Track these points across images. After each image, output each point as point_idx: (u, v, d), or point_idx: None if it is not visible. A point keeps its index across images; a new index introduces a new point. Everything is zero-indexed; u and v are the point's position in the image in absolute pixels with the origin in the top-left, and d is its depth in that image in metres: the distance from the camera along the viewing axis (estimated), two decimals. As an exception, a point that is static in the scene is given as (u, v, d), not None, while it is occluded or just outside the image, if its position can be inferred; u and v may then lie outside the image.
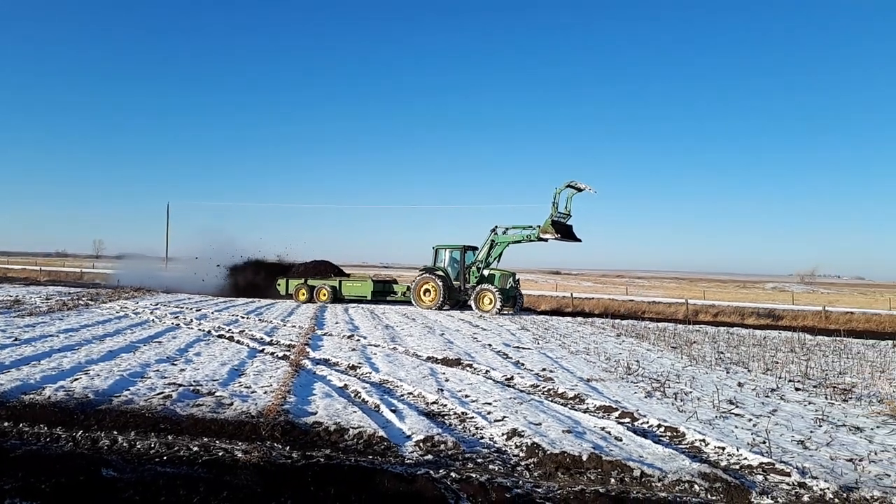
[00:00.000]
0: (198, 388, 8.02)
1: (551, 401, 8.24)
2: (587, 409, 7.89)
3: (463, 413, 7.26)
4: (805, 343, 16.95)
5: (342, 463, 5.25)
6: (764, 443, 6.37)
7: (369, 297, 27.01)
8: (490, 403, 7.82)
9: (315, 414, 6.88)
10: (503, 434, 6.39)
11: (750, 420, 7.43)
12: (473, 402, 7.93)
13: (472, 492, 4.67)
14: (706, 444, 6.32)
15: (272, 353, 11.22)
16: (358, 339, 13.81)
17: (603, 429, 6.77)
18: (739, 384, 9.88)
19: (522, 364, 11.22)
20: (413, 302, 25.06)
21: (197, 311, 19.85)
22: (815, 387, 9.85)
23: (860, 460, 5.92)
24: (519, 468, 5.45)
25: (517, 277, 24.86)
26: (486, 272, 24.57)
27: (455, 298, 24.95)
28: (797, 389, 9.59)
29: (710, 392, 9.02)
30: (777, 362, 12.66)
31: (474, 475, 5.09)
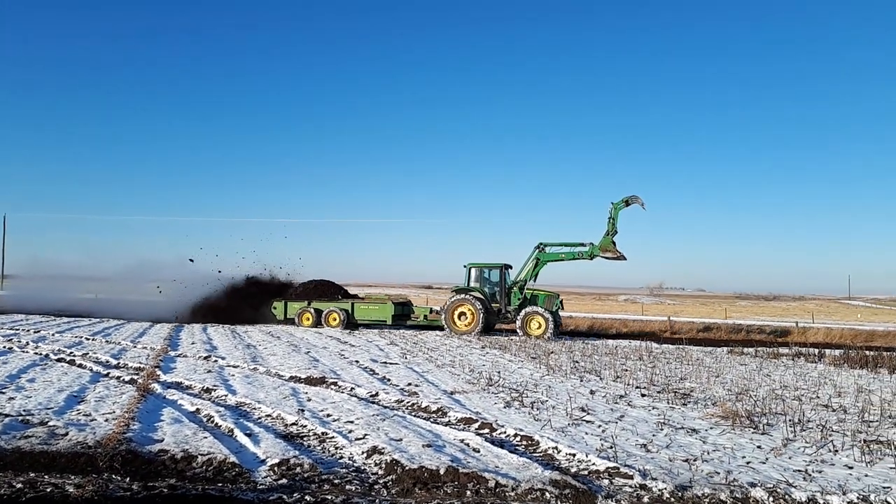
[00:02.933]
0: (28, 417, 7.30)
1: (415, 415, 8.27)
2: (449, 422, 7.98)
3: (323, 433, 7.11)
4: (652, 351, 18.19)
5: (188, 493, 4.96)
6: (611, 448, 6.74)
7: (389, 322, 24.21)
8: (352, 422, 7.71)
9: (161, 441, 6.46)
10: (363, 452, 6.32)
11: (599, 426, 7.84)
12: (335, 421, 7.79)
13: (327, 514, 4.56)
14: (558, 452, 6.59)
15: (118, 378, 10.44)
16: (215, 360, 13.18)
17: (462, 441, 6.88)
18: (592, 392, 10.41)
19: (389, 379, 11.19)
20: (445, 327, 22.52)
21: (35, 332, 18.11)
22: (658, 392, 10.56)
23: (695, 460, 6.40)
24: (377, 486, 5.40)
25: (560, 298, 23.23)
26: (527, 293, 22.82)
27: (492, 322, 23.19)
28: (643, 395, 10.25)
29: (564, 400, 9.42)
30: (626, 370, 13.48)
31: (330, 497, 4.99)
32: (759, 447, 6.95)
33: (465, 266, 23.59)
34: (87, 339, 16.63)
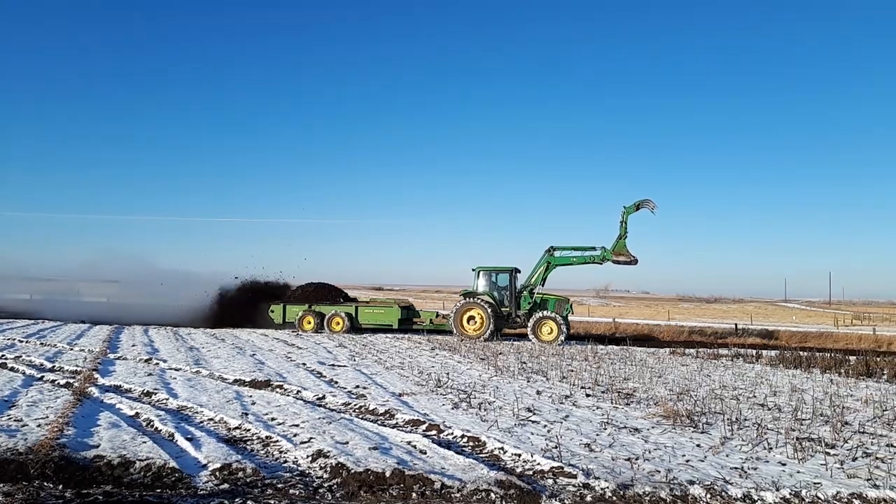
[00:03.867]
0: (-48, 426, 6.95)
1: (362, 418, 8.20)
2: (396, 424, 7.95)
3: (267, 437, 6.99)
4: (597, 352, 18.51)
5: (124, 499, 4.80)
6: (556, 448, 6.82)
7: (395, 326, 23.60)
8: (298, 425, 7.60)
9: (97, 447, 6.24)
10: (308, 456, 6.24)
11: (545, 426, 7.93)
12: (280, 424, 7.67)
13: (269, 519, 4.49)
14: (504, 452, 6.63)
15: (53, 381, 10.05)
16: (157, 363, 12.82)
17: (409, 443, 6.86)
18: (538, 392, 10.53)
19: (336, 382, 11.07)
20: (454, 331, 22.04)
21: (-38, 336, 17.28)
22: (603, 392, 10.75)
23: (637, 459, 6.53)
24: (321, 490, 5.34)
25: (571, 303, 22.99)
26: (537, 298, 22.54)
27: (500, 326, 22.59)
28: (588, 395, 10.41)
29: (511, 401, 9.50)
30: (572, 370, 13.68)
31: (273, 501, 4.90)
32: (698, 446, 7.14)
33: (473, 270, 23.26)
34: (21, 342, 15.97)
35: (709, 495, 5.36)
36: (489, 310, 21.71)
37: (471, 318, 21.95)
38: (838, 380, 13.40)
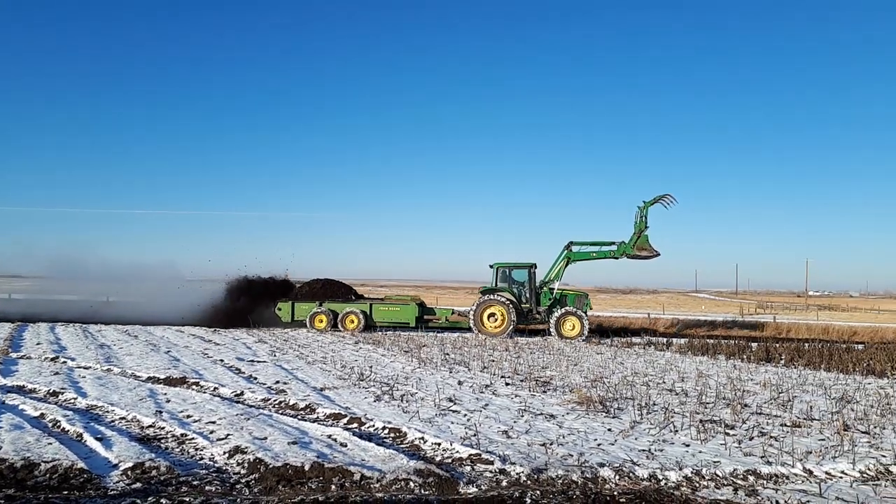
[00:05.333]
0: None
1: (282, 413, 8.13)
2: (317, 418, 7.92)
3: (183, 435, 6.83)
4: (518, 343, 18.93)
5: (28, 503, 4.61)
6: (475, 435, 6.98)
7: (412, 324, 22.69)
8: (214, 422, 7.46)
9: (-2, 451, 5.94)
10: (225, 452, 6.15)
11: (465, 415, 8.09)
12: (196, 422, 7.50)
13: (184, 517, 4.41)
14: (425, 442, 6.74)
15: (-53, 385, 9.45)
16: (64, 362, 12.24)
17: (330, 436, 6.86)
18: (460, 382, 10.70)
19: (255, 378, 10.89)
20: (473, 328, 21.55)
21: None
22: (522, 381, 11.03)
23: (551, 444, 6.77)
24: (239, 486, 5.28)
25: (589, 298, 22.80)
26: (557, 293, 22.26)
27: (519, 323, 22.08)
28: (507, 384, 10.67)
29: (433, 392, 9.62)
30: (493, 360, 13.96)
31: (188, 499, 4.82)
32: (609, 430, 7.46)
33: (490, 266, 22.89)
34: None
35: (617, 476, 5.63)
36: (510, 307, 21.42)
37: (491, 315, 21.59)
38: (741, 365, 14.22)
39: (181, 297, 25.81)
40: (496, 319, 21.48)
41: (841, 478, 5.86)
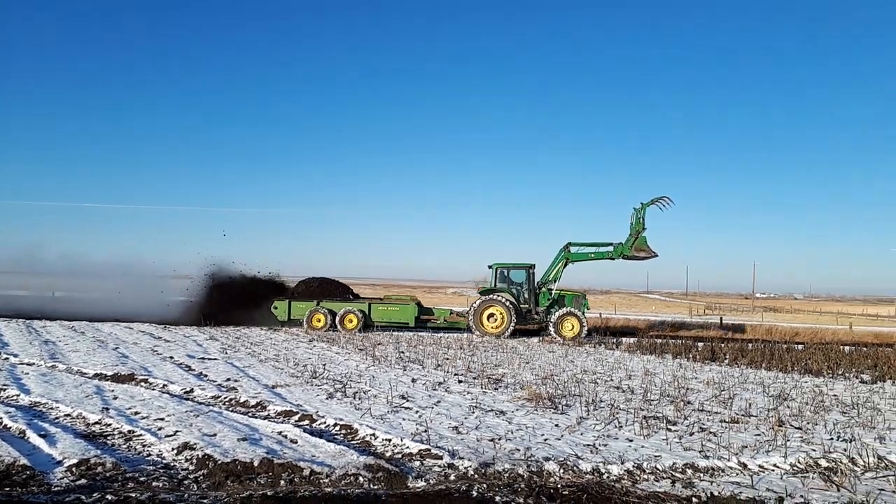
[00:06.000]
0: None
1: (232, 410, 8.10)
2: (268, 415, 7.92)
3: (130, 431, 6.76)
4: (472, 341, 19.12)
5: (-33, 501, 4.53)
6: (425, 431, 7.09)
7: (412, 324, 22.66)
8: (163, 419, 7.40)
9: (-65, 449, 5.80)
10: (173, 449, 6.12)
11: (417, 412, 8.19)
12: (144, 418, 7.43)
13: (130, 512, 4.41)
14: (376, 438, 6.81)
15: None
16: (6, 358, 11.91)
17: (280, 433, 6.87)
18: (413, 380, 10.79)
19: (206, 375, 10.79)
20: (473, 329, 21.64)
21: None
22: (474, 378, 11.18)
23: (500, 439, 6.92)
24: (187, 482, 5.27)
25: (587, 298, 23.14)
26: (555, 294, 22.55)
27: (521, 323, 22.22)
28: (460, 382, 10.80)
29: (386, 389, 9.69)
30: (447, 359, 14.09)
31: (134, 494, 4.80)
32: (556, 425, 7.65)
33: (489, 266, 23.03)
34: None
35: (562, 470, 5.80)
36: (510, 307, 21.57)
37: (490, 315, 21.71)
38: (686, 364, 14.65)
39: (149, 294, 25.49)
40: (496, 320, 21.63)
41: (773, 470, 6.15)
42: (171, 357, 12.93)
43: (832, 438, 7.39)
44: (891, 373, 13.58)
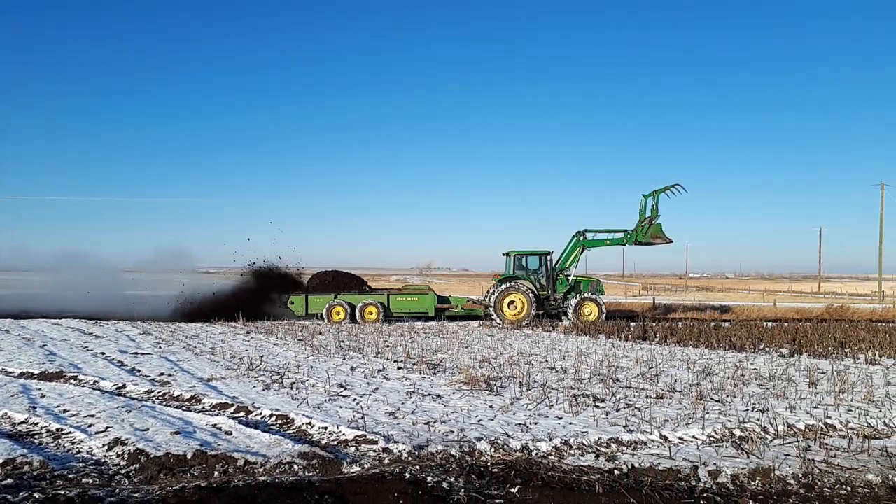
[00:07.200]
0: None
1: (165, 405, 8.02)
2: (203, 408, 7.87)
3: (59, 430, 6.63)
4: (414, 328, 19.28)
5: None
6: (362, 418, 7.20)
7: (431, 314, 22.65)
8: (93, 416, 7.27)
9: None
10: (104, 445, 6.05)
11: (354, 399, 8.28)
12: (73, 416, 7.29)
13: (58, 510, 4.38)
14: (312, 427, 6.88)
15: None
16: (-77, 360, 11.39)
17: (215, 426, 6.86)
18: (352, 368, 10.87)
19: (139, 370, 10.60)
20: (494, 316, 21.69)
21: None
22: (413, 364, 11.33)
23: (435, 422, 7.10)
24: (118, 477, 5.24)
25: (601, 283, 23.54)
26: (572, 280, 22.82)
27: (539, 310, 22.24)
28: (399, 368, 10.94)
29: (324, 378, 9.74)
30: (388, 346, 14.21)
31: (63, 492, 4.76)
32: (490, 407, 7.88)
33: (504, 254, 23.15)
34: None
35: (493, 449, 6.02)
36: (530, 294, 21.84)
37: (511, 303, 21.90)
38: (619, 343, 15.19)
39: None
40: (515, 307, 21.90)
41: (691, 442, 6.53)
42: (103, 353, 12.62)
43: (748, 410, 7.86)
44: (807, 346, 14.41)
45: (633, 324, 20.17)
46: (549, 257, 23.04)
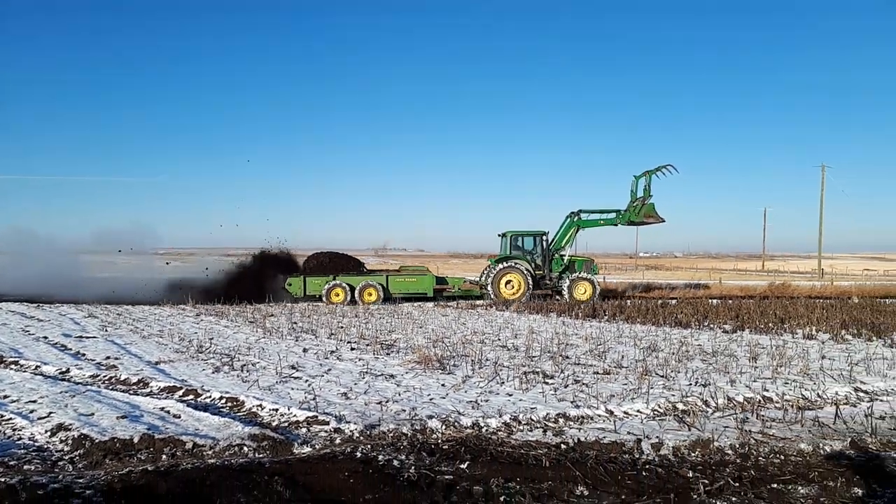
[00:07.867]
0: None
1: (112, 389, 7.86)
2: (151, 392, 7.75)
3: (-2, 416, 6.45)
4: (368, 308, 19.26)
5: None
6: (313, 399, 7.19)
7: (430, 294, 23.13)
8: (35, 401, 7.08)
9: None
10: (47, 431, 5.91)
11: (306, 381, 8.26)
12: (14, 402, 7.08)
13: (-2, 498, 4.27)
14: (262, 409, 6.85)
15: None
16: None
17: (163, 409, 6.77)
18: (305, 350, 10.81)
19: (83, 354, 10.34)
20: (493, 296, 22.03)
21: None
22: (367, 345, 11.34)
23: (387, 402, 7.14)
24: (62, 462, 5.14)
25: (596, 263, 24.06)
26: (567, 260, 23.31)
27: (535, 289, 22.66)
28: (352, 349, 10.94)
29: (276, 360, 9.67)
30: (342, 327, 14.17)
31: (3, 479, 4.63)
32: (443, 385, 7.97)
33: (500, 235, 23.36)
34: None
35: (444, 426, 6.10)
36: (527, 274, 22.37)
37: (508, 282, 22.40)
38: (569, 321, 15.48)
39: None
40: (512, 286, 22.40)
41: (636, 416, 6.73)
42: (45, 337, 12.25)
43: (690, 384, 8.13)
44: (749, 322, 14.95)
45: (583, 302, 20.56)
46: (544, 237, 23.56)
